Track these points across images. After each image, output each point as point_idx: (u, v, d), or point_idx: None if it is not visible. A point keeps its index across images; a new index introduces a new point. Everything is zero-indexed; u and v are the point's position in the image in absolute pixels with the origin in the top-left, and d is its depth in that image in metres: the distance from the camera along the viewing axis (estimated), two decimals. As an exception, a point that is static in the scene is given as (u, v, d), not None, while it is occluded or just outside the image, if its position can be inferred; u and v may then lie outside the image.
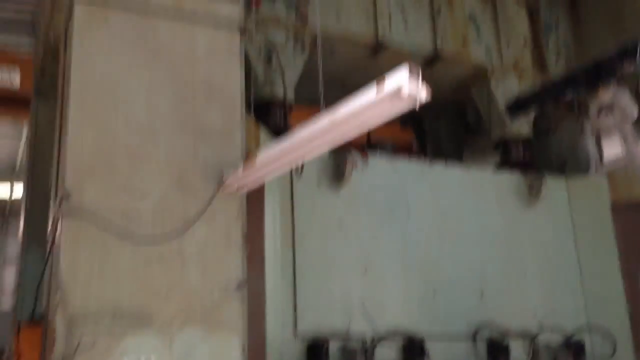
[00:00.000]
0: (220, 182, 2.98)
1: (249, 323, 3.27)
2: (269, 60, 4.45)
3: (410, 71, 2.10)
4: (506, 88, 5.51)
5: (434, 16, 5.29)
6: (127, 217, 2.75)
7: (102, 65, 2.89)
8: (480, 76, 5.56)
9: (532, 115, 5.48)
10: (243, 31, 3.27)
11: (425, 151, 6.61)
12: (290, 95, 4.54)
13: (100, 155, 2.79)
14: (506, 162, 5.50)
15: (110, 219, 2.70)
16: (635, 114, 3.80)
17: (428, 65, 5.42)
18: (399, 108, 2.29)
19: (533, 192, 5.11)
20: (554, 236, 5.20)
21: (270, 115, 4.42)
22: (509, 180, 5.18)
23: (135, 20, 3.01)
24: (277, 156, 2.80)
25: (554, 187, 5.26)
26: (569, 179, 5.44)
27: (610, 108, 3.86)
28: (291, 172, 4.06)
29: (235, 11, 3.26)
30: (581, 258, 5.20)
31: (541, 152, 6.04)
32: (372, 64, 5.29)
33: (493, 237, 4.95)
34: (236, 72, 3.20)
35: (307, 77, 5.37)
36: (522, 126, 5.51)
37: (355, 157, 4.43)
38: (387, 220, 4.54)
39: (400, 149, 7.90)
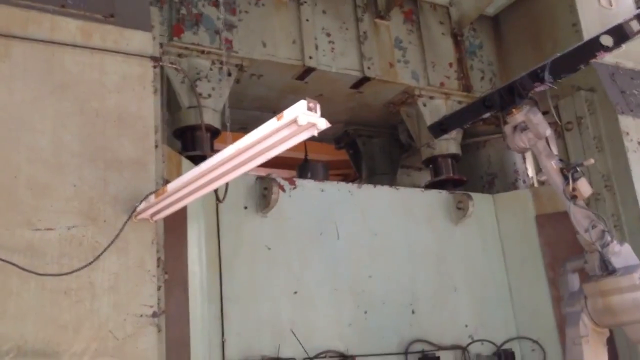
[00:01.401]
0: (132, 211, 2.96)
1: (172, 351, 3.24)
2: (194, 86, 4.46)
3: (308, 104, 2.17)
4: (433, 108, 5.67)
5: (360, 40, 5.41)
6: (31, 251, 2.71)
7: (4, 97, 2.85)
8: (409, 97, 5.71)
9: (459, 133, 5.65)
10: (156, 60, 3.28)
11: (360, 170, 6.71)
12: (216, 120, 4.55)
13: (1, 190, 2.74)
14: (437, 180, 5.64)
15: (12, 254, 2.65)
16: (547, 132, 3.94)
17: (357, 87, 5.55)
18: (298, 136, 2.34)
19: (461, 209, 5.24)
20: (482, 250, 5.35)
21: (195, 141, 4.43)
22: (438, 198, 5.30)
23: (40, 51, 2.98)
24: (188, 182, 2.82)
25: (481, 202, 5.42)
26: (495, 194, 5.62)
27: (523, 127, 4.00)
28: (216, 197, 4.07)
29: (146, 40, 3.26)
30: (509, 270, 5.36)
31: (470, 167, 6.24)
32: (302, 87, 5.38)
33: (423, 254, 5.04)
34: (149, 102, 3.19)
35: (237, 103, 5.43)
36: (450, 144, 5.68)
37: (281, 182, 4.46)
38: (316, 242, 4.57)
39: (336, 168, 8.01)
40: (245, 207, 4.34)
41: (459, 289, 5.10)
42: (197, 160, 4.15)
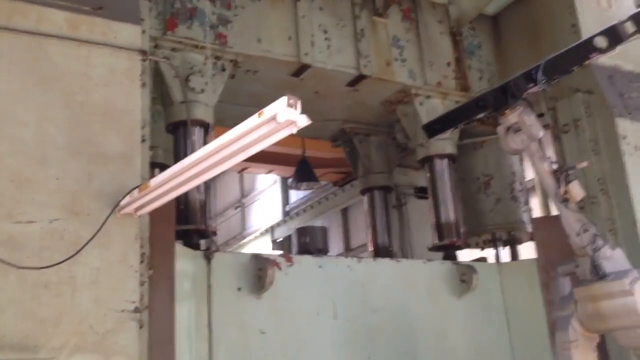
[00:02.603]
0: (115, 205, 2.94)
1: (155, 347, 3.22)
2: (187, 80, 4.44)
3: (289, 100, 2.16)
4: (430, 108, 5.63)
5: (357, 38, 5.37)
6: (12, 244, 2.69)
7: (-12, 89, 2.84)
8: (405, 96, 5.66)
9: (455, 133, 5.61)
10: (145, 53, 3.25)
11: (357, 168, 6.68)
12: (209, 115, 4.52)
13: (-18, 183, 2.73)
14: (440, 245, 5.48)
15: (-9, 247, 2.64)
16: (540, 133, 3.90)
17: (353, 85, 5.51)
18: (278, 133, 2.32)
19: (465, 282, 5.06)
20: (487, 325, 5.14)
21: (187, 136, 4.41)
22: (440, 270, 5.11)
23: (25, 42, 2.96)
24: (171, 177, 2.80)
25: (485, 273, 5.22)
26: (500, 264, 5.48)
27: (517, 128, 3.96)
28: (208, 278, 3.98)
29: (135, 33, 3.23)
30: (514, 347, 5.13)
31: (466, 168, 6.19)
32: (297, 84, 5.34)
33: (425, 330, 4.84)
34: (136, 96, 3.16)
35: (233, 98, 5.40)
36: (446, 144, 5.64)
37: (277, 261, 4.30)
38: (313, 323, 4.39)
39: (334, 166, 7.99)
40: (239, 289, 4.13)
41: None
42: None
